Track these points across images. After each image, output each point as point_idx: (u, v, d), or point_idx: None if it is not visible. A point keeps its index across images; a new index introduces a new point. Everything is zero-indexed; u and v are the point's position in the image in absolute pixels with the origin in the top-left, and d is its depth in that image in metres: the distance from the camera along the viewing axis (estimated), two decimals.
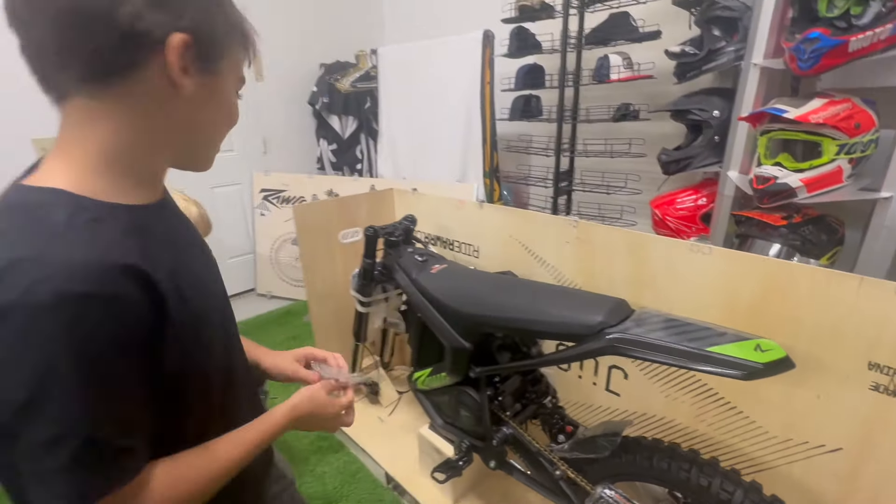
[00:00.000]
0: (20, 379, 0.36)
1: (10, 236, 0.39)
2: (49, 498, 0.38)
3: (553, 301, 0.98)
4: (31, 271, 0.36)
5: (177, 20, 0.41)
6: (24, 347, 0.36)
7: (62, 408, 0.38)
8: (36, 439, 0.37)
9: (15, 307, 0.36)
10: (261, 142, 3.17)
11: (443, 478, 1.28)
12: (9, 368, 0.37)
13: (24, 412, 0.37)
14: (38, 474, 0.38)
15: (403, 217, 1.57)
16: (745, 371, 0.71)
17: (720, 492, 0.84)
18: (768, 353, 0.74)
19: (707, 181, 1.84)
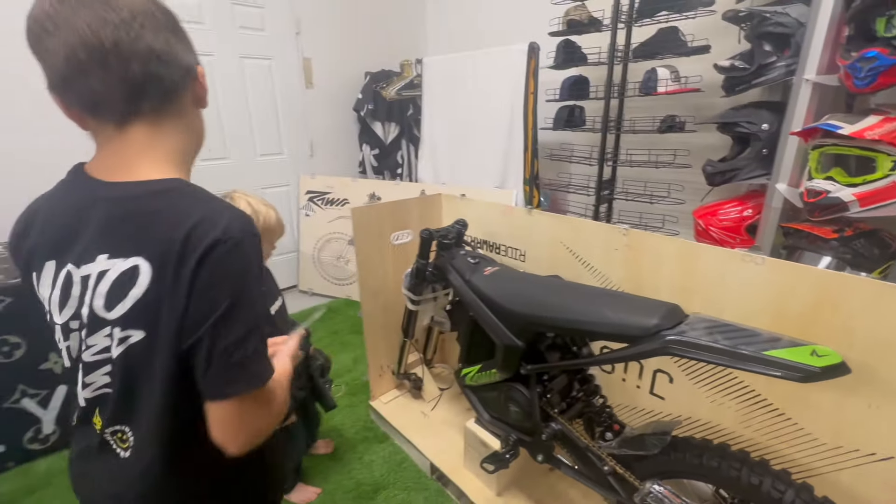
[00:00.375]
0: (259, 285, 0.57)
1: (185, 204, 0.54)
2: (248, 378, 0.54)
3: (609, 304, 1.04)
4: (234, 219, 0.54)
5: (196, 56, 0.60)
6: (257, 260, 0.56)
7: (258, 305, 0.57)
8: (241, 332, 0.53)
9: (250, 231, 0.55)
10: (308, 146, 3.33)
11: (492, 468, 1.35)
12: (256, 282, 0.56)
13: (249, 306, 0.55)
14: (243, 357, 0.54)
15: (455, 221, 1.65)
16: (803, 374, 0.76)
17: (771, 490, 0.89)
18: (825, 358, 0.78)
19: (753, 193, 1.86)
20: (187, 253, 0.51)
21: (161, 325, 0.53)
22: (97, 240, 0.55)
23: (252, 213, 1.28)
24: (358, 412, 2.04)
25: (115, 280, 0.53)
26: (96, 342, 0.57)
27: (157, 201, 0.54)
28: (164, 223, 0.52)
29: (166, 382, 0.56)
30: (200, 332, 0.52)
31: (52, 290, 0.58)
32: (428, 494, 1.61)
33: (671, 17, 1.81)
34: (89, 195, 0.57)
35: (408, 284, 1.70)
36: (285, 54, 3.06)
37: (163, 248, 0.51)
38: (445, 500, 1.58)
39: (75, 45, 0.48)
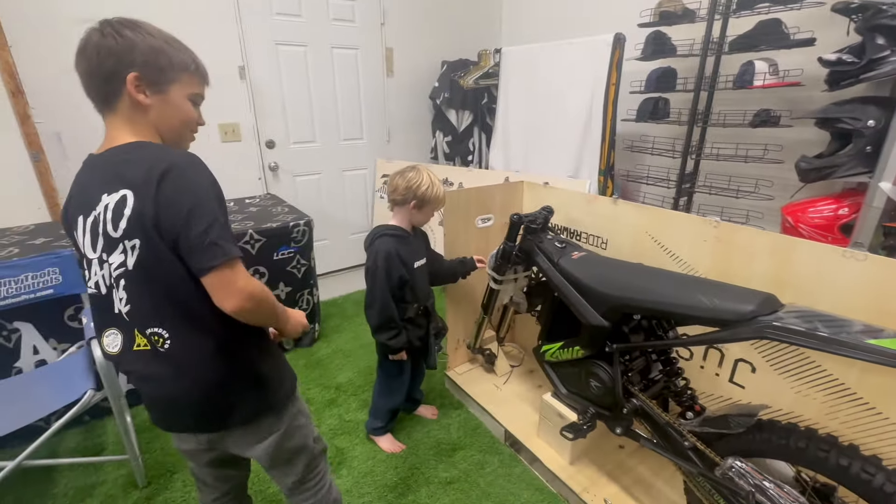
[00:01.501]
0: (211, 194, 0.78)
1: (146, 152, 0.79)
2: (219, 254, 0.75)
3: (702, 289, 1.11)
4: (179, 156, 0.78)
5: (130, 67, 0.78)
6: (205, 178, 0.78)
7: (212, 206, 0.77)
8: (204, 224, 0.75)
9: (194, 163, 0.78)
10: (385, 131, 3.52)
11: (571, 436, 1.46)
12: (208, 192, 0.78)
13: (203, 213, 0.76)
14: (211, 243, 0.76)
15: (542, 207, 1.75)
16: None
17: (861, 472, 0.94)
18: None
19: (849, 191, 1.81)
20: (151, 180, 0.73)
21: (148, 231, 0.75)
22: (99, 186, 0.79)
23: (428, 183, 1.56)
24: (434, 380, 2.22)
25: (113, 207, 0.76)
26: (115, 259, 0.79)
27: (127, 153, 0.79)
28: (134, 164, 0.77)
29: (171, 273, 0.78)
30: (176, 230, 0.74)
31: (84, 235, 0.82)
32: (502, 458, 1.76)
33: (773, 8, 1.78)
34: (92, 166, 0.83)
35: (493, 265, 1.82)
36: (370, 44, 3.24)
37: (136, 180, 0.75)
38: (518, 464, 1.72)
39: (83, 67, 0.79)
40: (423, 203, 1.58)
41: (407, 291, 1.61)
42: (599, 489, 1.52)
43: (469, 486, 1.64)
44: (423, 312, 1.69)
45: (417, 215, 1.62)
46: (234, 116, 2.77)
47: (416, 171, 1.59)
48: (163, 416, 0.94)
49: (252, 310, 0.80)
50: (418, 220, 1.64)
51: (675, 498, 1.47)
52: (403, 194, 1.57)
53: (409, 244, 1.62)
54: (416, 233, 1.69)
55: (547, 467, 1.62)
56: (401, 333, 1.59)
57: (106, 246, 0.79)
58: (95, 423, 1.95)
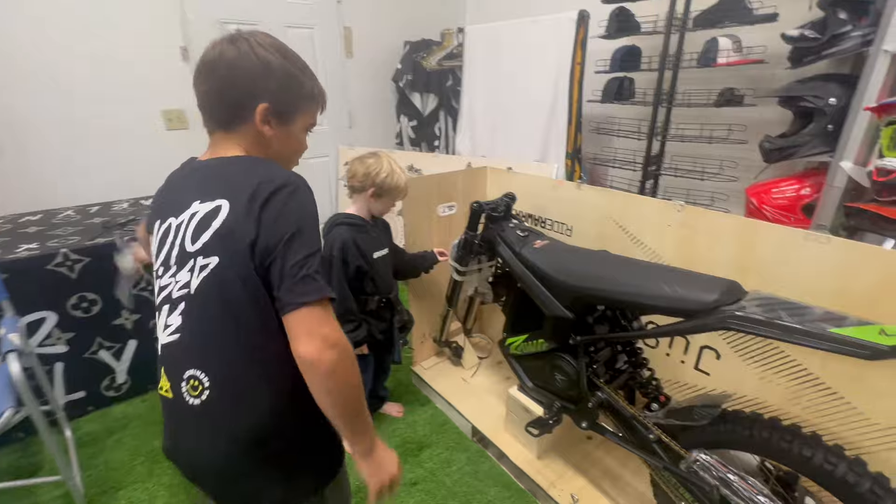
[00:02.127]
0: (316, 223, 0.71)
1: (258, 166, 0.72)
2: (315, 289, 0.66)
3: (666, 278, 1.06)
4: (291, 175, 0.71)
5: (261, 97, 0.72)
6: (311, 203, 0.71)
7: (315, 235, 0.69)
8: (304, 253, 0.67)
9: (306, 186, 0.71)
10: (347, 116, 3.36)
11: (536, 432, 1.41)
12: (315, 220, 0.70)
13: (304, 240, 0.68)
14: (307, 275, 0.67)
15: (504, 194, 1.67)
16: (870, 351, 0.77)
17: (824, 463, 0.91)
18: (894, 336, 0.78)
19: (811, 171, 1.79)
20: (258, 194, 0.66)
21: (232, 249, 0.66)
22: (193, 192, 0.71)
23: (388, 171, 1.46)
24: (400, 376, 2.14)
25: (202, 217, 0.68)
26: (181, 278, 0.69)
27: (237, 164, 0.73)
28: (241, 175, 0.70)
29: (241, 304, 0.67)
30: (274, 254, 0.65)
31: (156, 242, 0.74)
32: (469, 455, 1.70)
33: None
34: (191, 169, 0.77)
35: (455, 255, 1.74)
36: (327, 23, 3.06)
37: (238, 191, 0.67)
38: (486, 461, 1.67)
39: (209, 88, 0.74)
40: (382, 191, 1.48)
41: (367, 283, 1.52)
42: (567, 483, 1.48)
43: (435, 486, 1.58)
44: (386, 305, 1.60)
45: (376, 204, 1.52)
46: (178, 102, 2.57)
47: (377, 158, 1.49)
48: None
49: (333, 362, 0.65)
50: (378, 209, 1.54)
51: (642, 489, 1.44)
52: (361, 181, 1.47)
53: (367, 233, 1.52)
54: (376, 222, 1.59)
55: (514, 463, 1.57)
56: (361, 327, 1.51)
57: (177, 260, 0.71)
58: (32, 440, 1.80)
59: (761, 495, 0.99)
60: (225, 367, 0.69)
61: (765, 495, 0.99)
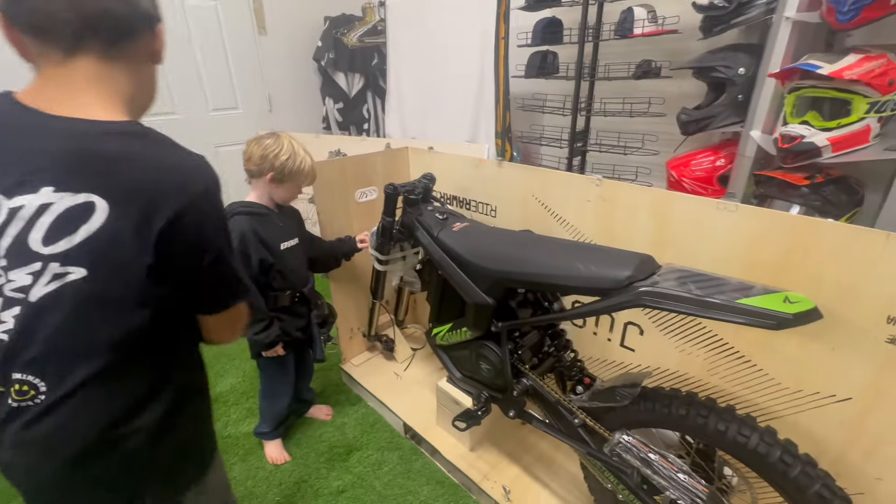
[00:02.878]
0: None
1: (155, 151, 0.56)
2: (239, 293, 0.68)
3: (580, 256, 1.00)
4: (202, 169, 0.59)
5: (159, 11, 0.63)
6: (220, 201, 0.62)
7: (229, 239, 0.64)
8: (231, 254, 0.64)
9: (212, 185, 0.60)
10: (266, 99, 3.09)
11: (463, 426, 1.34)
12: (223, 216, 0.62)
13: None
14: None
15: (422, 175, 1.56)
16: (776, 321, 0.74)
17: (737, 435, 0.89)
18: (797, 304, 0.76)
19: (726, 142, 1.82)
20: (156, 209, 0.53)
21: (110, 266, 0.54)
22: (43, 172, 0.52)
23: (289, 152, 1.31)
24: (329, 376, 2.00)
25: (61, 213, 0.52)
26: (15, 279, 0.53)
27: (121, 144, 0.54)
28: (134, 168, 0.54)
29: (113, 319, 0.56)
30: (196, 268, 0.59)
31: None
32: (402, 453, 1.61)
33: None
34: (29, 126, 0.54)
35: (374, 244, 1.61)
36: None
37: (131, 192, 0.53)
38: (419, 458, 1.59)
39: None
40: (283, 176, 1.32)
41: (274, 277, 1.36)
42: (500, 473, 1.43)
43: (364, 490, 1.47)
44: (301, 300, 1.45)
45: (278, 190, 1.35)
46: None
47: (276, 139, 1.33)
48: None
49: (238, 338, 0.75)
50: (280, 195, 1.38)
51: (574, 471, 1.42)
52: (259, 164, 1.31)
53: (271, 223, 1.36)
54: (282, 210, 1.43)
55: (447, 458, 1.50)
56: (271, 325, 1.35)
57: (10, 255, 0.53)
58: None
59: (681, 472, 0.97)
60: (67, 377, 0.56)
61: (684, 472, 0.97)
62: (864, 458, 1.01)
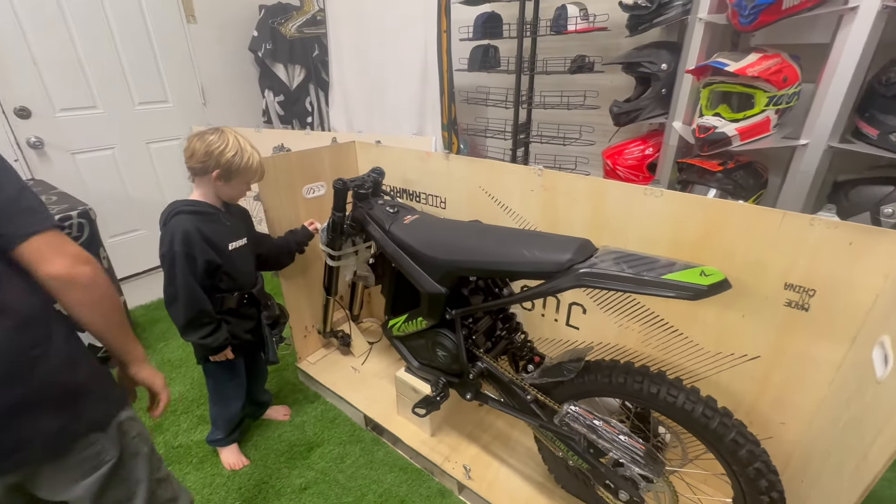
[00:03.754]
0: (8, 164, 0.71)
1: None
2: (41, 219, 0.68)
3: (526, 243, 1.06)
4: None
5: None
6: None
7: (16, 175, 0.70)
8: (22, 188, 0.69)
9: None
10: (198, 92, 2.92)
11: (423, 412, 1.38)
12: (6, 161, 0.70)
13: None
14: None
15: (371, 169, 1.57)
16: (692, 292, 0.84)
17: (667, 396, 1.00)
18: (711, 276, 0.86)
19: (653, 132, 1.97)
20: None
21: None
22: None
23: (235, 148, 1.27)
24: (285, 376, 1.97)
25: None
26: None
27: None
28: None
29: None
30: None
31: None
32: (364, 445, 1.63)
33: None
34: None
35: (325, 240, 1.61)
36: None
37: None
38: (381, 448, 1.62)
39: None
40: (230, 173, 1.28)
41: (221, 279, 1.32)
42: (461, 454, 1.49)
43: (327, 485, 1.48)
44: (250, 301, 1.42)
45: (224, 188, 1.31)
46: None
47: (220, 134, 1.28)
48: None
49: (89, 275, 0.70)
50: (228, 193, 1.33)
51: (529, 444, 1.51)
52: (203, 161, 1.25)
53: (218, 222, 1.31)
54: (229, 209, 1.38)
55: (408, 445, 1.54)
56: (219, 329, 1.31)
57: None
58: None
59: (622, 434, 1.08)
60: None
61: (624, 433, 1.08)
62: (770, 407, 1.16)
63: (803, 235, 1.00)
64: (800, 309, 1.05)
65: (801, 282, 1.03)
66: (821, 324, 1.03)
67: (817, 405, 1.09)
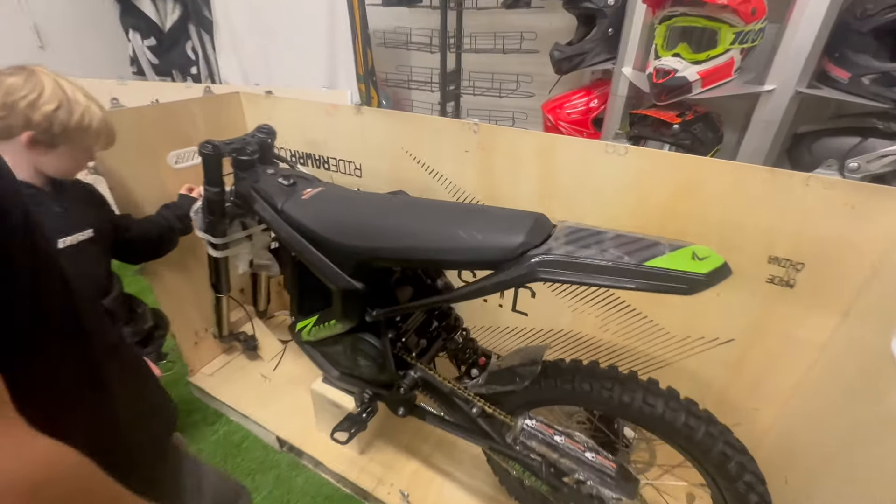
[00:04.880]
0: None
1: None
2: None
3: (462, 222, 0.79)
4: None
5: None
6: None
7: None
8: None
9: None
10: (33, 34, 2.23)
11: (345, 438, 1.11)
12: None
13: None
14: None
15: (257, 128, 1.19)
16: (688, 284, 0.63)
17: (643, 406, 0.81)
18: (706, 260, 0.65)
19: (598, 82, 1.75)
20: None
21: None
22: None
23: (61, 101, 0.86)
24: (179, 392, 1.59)
25: None
26: None
27: None
28: None
29: None
30: None
31: None
32: (279, 472, 1.34)
33: None
34: None
35: (202, 224, 1.22)
36: None
37: None
38: (301, 473, 1.33)
39: None
40: (51, 136, 0.86)
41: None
42: (396, 474, 1.25)
43: None
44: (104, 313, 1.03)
45: (46, 158, 0.90)
46: None
47: (28, 77, 0.86)
48: None
49: None
50: (53, 166, 0.91)
51: (477, 451, 1.30)
52: (2, 117, 0.82)
53: (42, 207, 0.90)
54: (61, 189, 0.96)
55: (332, 469, 1.27)
56: None
57: None
58: None
59: (588, 451, 0.88)
60: None
61: (591, 449, 0.88)
62: (743, 393, 1.03)
63: (795, 198, 0.82)
64: (784, 286, 0.89)
65: (787, 254, 0.86)
66: (806, 301, 0.88)
67: (793, 388, 0.97)
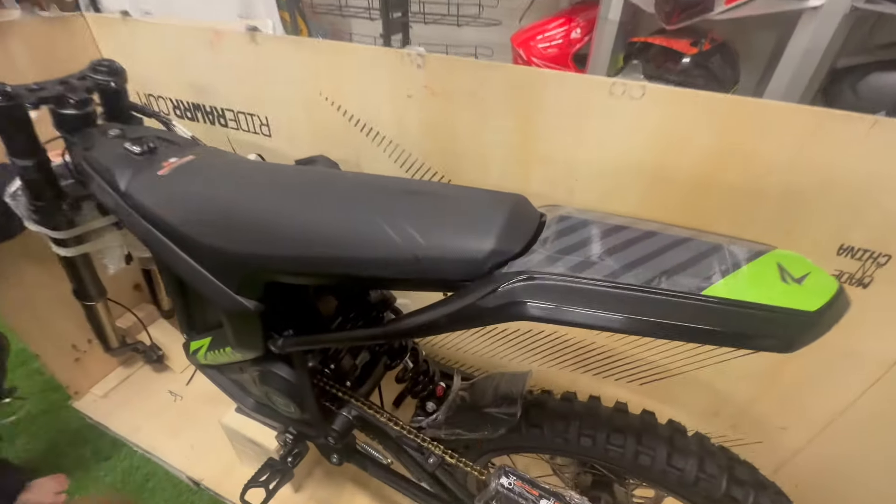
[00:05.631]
0: None
1: None
2: None
3: (394, 212, 0.48)
4: None
5: None
6: None
7: None
8: None
9: None
10: None
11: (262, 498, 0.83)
12: None
13: None
14: None
15: (91, 65, 0.79)
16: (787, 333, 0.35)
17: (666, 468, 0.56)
18: (807, 281, 0.38)
19: (580, 6, 1.40)
20: None
21: None
22: None
23: None
24: (58, 422, 1.25)
25: None
26: None
27: None
28: None
29: None
30: None
31: None
32: None
33: None
34: None
35: (26, 213, 0.84)
36: None
37: None
38: None
39: None
40: None
41: None
42: None
43: None
44: None
45: None
46: None
47: None
48: None
49: None
50: None
51: None
52: None
53: None
54: None
55: None
56: None
57: None
58: None
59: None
60: None
61: None
62: (770, 409, 0.82)
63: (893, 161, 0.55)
64: (855, 285, 0.64)
65: (867, 243, 0.61)
66: (883, 307, 0.64)
67: (840, 411, 0.75)
